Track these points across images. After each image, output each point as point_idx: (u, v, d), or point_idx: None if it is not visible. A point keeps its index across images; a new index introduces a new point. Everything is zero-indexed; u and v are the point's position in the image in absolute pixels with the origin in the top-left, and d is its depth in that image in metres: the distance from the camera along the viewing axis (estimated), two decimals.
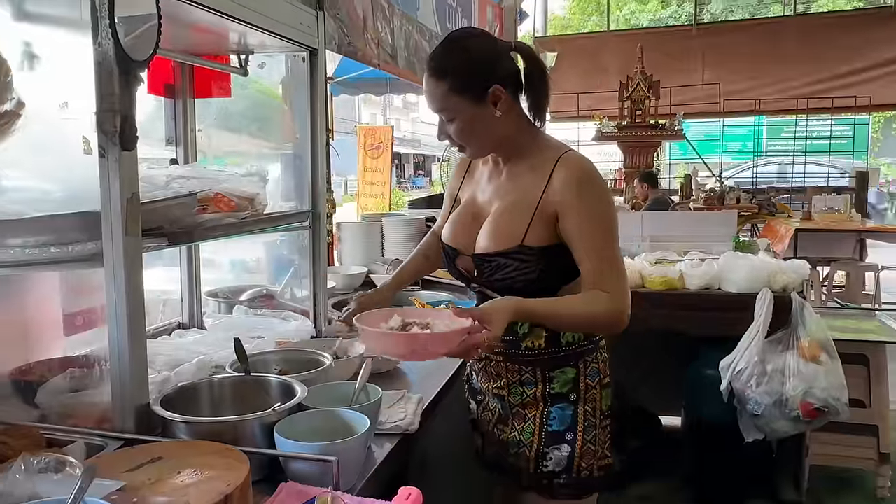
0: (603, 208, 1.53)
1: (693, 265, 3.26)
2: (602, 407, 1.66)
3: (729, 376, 2.95)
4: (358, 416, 1.41)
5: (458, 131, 1.54)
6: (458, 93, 1.50)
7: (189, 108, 2.28)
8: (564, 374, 1.62)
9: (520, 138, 1.60)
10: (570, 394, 1.63)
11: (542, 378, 1.63)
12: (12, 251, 1.40)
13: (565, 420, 1.62)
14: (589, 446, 1.63)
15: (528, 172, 1.58)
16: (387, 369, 2.07)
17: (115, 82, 1.28)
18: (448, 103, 1.51)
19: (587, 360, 1.64)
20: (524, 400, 1.66)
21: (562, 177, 1.51)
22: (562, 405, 1.62)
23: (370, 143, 9.55)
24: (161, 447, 1.27)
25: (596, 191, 1.53)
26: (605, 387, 1.67)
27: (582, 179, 1.52)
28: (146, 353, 1.40)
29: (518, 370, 1.65)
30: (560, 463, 1.62)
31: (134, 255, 1.35)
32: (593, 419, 1.64)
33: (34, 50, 1.39)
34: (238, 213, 1.76)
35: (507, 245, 1.54)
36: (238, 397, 1.55)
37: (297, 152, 2.45)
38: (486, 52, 1.54)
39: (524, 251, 1.53)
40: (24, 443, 1.30)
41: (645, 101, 7.81)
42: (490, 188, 1.66)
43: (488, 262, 1.58)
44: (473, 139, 1.57)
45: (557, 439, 1.62)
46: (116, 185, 1.31)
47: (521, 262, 1.54)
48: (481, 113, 1.52)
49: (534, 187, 1.55)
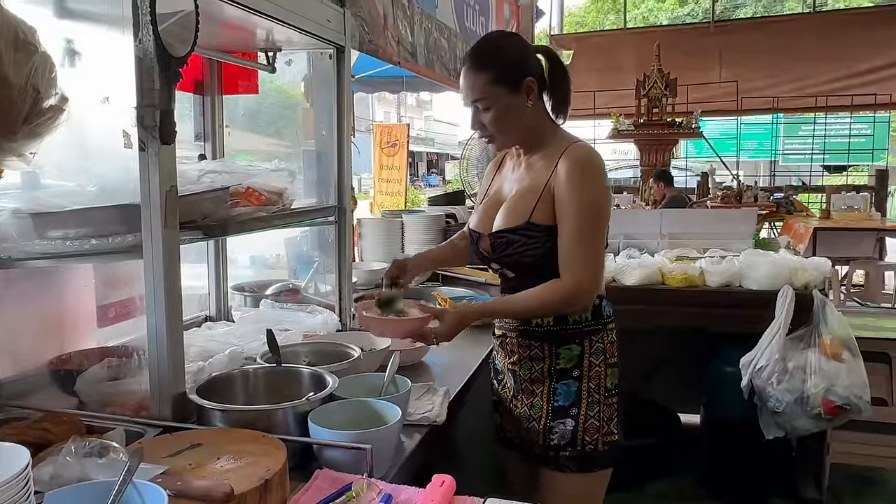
0: (592, 196, 1.65)
1: (714, 262, 3.25)
2: (607, 385, 1.74)
3: (749, 373, 2.95)
4: (389, 405, 1.43)
5: (493, 120, 1.68)
6: (498, 83, 1.65)
7: (217, 105, 2.31)
8: (570, 350, 1.73)
9: (542, 132, 1.75)
10: (573, 370, 1.73)
11: (549, 354, 1.74)
12: (54, 243, 1.44)
13: (570, 395, 1.73)
14: (592, 421, 1.72)
15: (541, 161, 1.73)
16: (411, 362, 2.10)
17: (154, 78, 1.32)
18: (487, 92, 1.65)
19: (593, 339, 1.74)
20: (532, 375, 1.77)
21: (565, 162, 1.66)
22: (567, 381, 1.73)
23: (386, 141, 9.56)
24: (199, 434, 1.30)
25: (589, 178, 1.65)
26: (611, 366, 1.76)
27: (579, 166, 1.65)
28: (183, 343, 1.43)
29: (528, 345, 1.77)
30: (565, 436, 1.72)
31: (172, 246, 1.38)
32: (597, 395, 1.73)
33: (76, 46, 1.43)
34: (268, 208, 1.79)
35: (516, 222, 1.69)
36: (270, 387, 1.58)
37: (320, 149, 2.48)
38: (521, 49, 1.72)
39: (531, 228, 1.67)
40: (64, 429, 1.34)
41: (662, 99, 7.78)
42: (513, 177, 1.81)
43: (500, 239, 1.72)
44: (505, 128, 1.70)
45: (562, 414, 1.73)
46: (156, 179, 1.34)
47: (528, 238, 1.67)
48: (515, 103, 1.67)
49: (543, 173, 1.70)
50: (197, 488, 1.05)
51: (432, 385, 1.83)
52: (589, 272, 1.65)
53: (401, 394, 1.53)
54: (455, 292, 2.88)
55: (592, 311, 1.74)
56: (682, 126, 7.84)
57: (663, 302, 3.21)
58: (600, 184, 1.68)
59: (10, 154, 1.25)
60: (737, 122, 10.89)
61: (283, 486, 1.18)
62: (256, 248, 3.34)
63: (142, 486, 0.98)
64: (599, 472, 1.76)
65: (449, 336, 1.69)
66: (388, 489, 1.20)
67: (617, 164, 14.29)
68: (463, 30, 5.03)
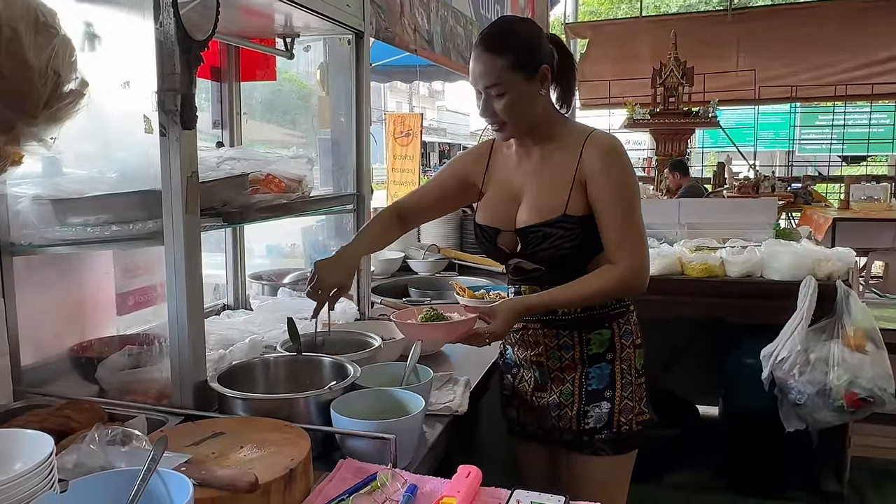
0: (625, 179, 1.64)
1: (734, 252, 3.21)
2: (637, 365, 1.75)
3: (770, 365, 2.91)
4: (412, 395, 1.42)
5: (506, 107, 1.61)
6: (515, 69, 1.59)
7: (235, 92, 2.29)
8: (601, 335, 1.71)
9: (551, 122, 1.71)
10: (606, 353, 1.72)
11: (579, 341, 1.71)
12: (74, 229, 1.43)
13: (604, 378, 1.71)
14: (627, 402, 1.72)
15: (559, 152, 1.69)
16: (430, 352, 2.08)
17: (175, 61, 1.30)
18: (503, 78, 1.59)
19: (620, 321, 1.73)
20: (562, 363, 1.74)
21: (591, 151, 1.64)
22: (600, 365, 1.72)
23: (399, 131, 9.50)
24: (220, 423, 1.28)
25: (620, 162, 1.65)
26: (639, 347, 1.76)
27: (608, 152, 1.64)
28: (204, 330, 1.42)
29: (556, 335, 1.73)
30: (601, 419, 1.70)
31: (193, 232, 1.37)
32: (629, 376, 1.73)
33: (96, 30, 1.41)
34: (288, 195, 1.77)
35: (551, 215, 1.65)
36: (291, 376, 1.57)
37: (337, 137, 2.46)
38: (536, 35, 1.67)
39: (567, 220, 1.64)
40: (86, 416, 1.33)
41: (678, 88, 7.70)
42: (522, 171, 1.75)
43: (534, 234, 1.67)
44: (518, 116, 1.64)
45: (597, 397, 1.71)
46: (177, 164, 1.32)
47: (565, 230, 1.64)
48: (530, 90, 1.62)
49: (567, 164, 1.66)
50: (221, 477, 1.04)
51: (453, 375, 1.81)
52: (641, 255, 1.64)
53: (423, 383, 1.51)
54: (472, 282, 2.85)
55: None
56: (698, 115, 7.76)
57: (682, 292, 3.16)
58: (630, 167, 1.69)
59: (31, 139, 1.23)
60: (754, 111, 10.75)
61: (308, 475, 1.16)
62: (272, 237, 3.34)
63: (166, 475, 0.97)
64: (630, 454, 1.76)
65: (503, 334, 1.68)
66: (413, 479, 1.19)
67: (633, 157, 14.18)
68: (479, 17, 4.99)
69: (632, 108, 8.15)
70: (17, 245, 1.48)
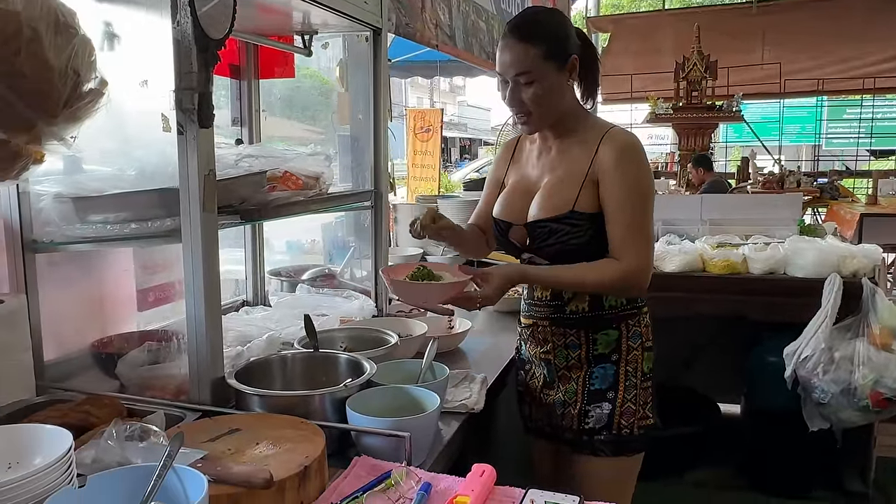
0: (639, 178, 1.62)
1: (757, 249, 3.16)
2: (643, 368, 1.72)
3: (794, 363, 2.86)
4: (428, 393, 1.41)
5: (535, 96, 1.60)
6: (547, 58, 1.58)
7: (254, 89, 2.31)
8: (608, 335, 1.69)
9: (575, 116, 1.70)
10: (612, 354, 1.69)
11: (585, 340, 1.70)
12: (94, 227, 1.45)
13: (607, 379, 1.69)
14: (629, 405, 1.69)
15: (576, 146, 1.68)
16: (448, 349, 2.08)
17: (193, 60, 1.30)
18: (534, 67, 1.58)
19: (629, 323, 1.70)
20: (569, 362, 1.72)
21: (606, 148, 1.62)
22: (604, 365, 1.69)
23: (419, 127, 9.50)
24: (237, 419, 1.29)
25: (635, 160, 1.63)
26: (647, 350, 1.73)
27: (623, 149, 1.62)
28: (222, 327, 1.43)
29: (563, 333, 1.72)
30: (601, 420, 1.69)
31: (211, 230, 1.37)
32: (634, 379, 1.70)
33: (115, 30, 1.42)
34: (306, 192, 1.77)
35: (559, 211, 1.63)
36: (308, 373, 1.58)
37: (355, 134, 2.46)
38: (566, 25, 1.67)
39: (575, 216, 1.62)
40: (106, 412, 1.35)
41: (701, 82, 7.58)
42: (539, 164, 1.75)
43: (541, 228, 1.66)
44: (545, 107, 1.63)
45: (599, 397, 1.69)
46: (194, 162, 1.33)
47: (572, 227, 1.63)
48: (559, 80, 1.62)
49: (582, 159, 1.65)
50: (236, 474, 1.04)
51: (469, 372, 1.81)
52: (645, 257, 1.62)
53: (439, 381, 1.51)
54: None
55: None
56: (722, 109, 7.65)
57: (704, 289, 3.13)
58: (646, 166, 1.67)
59: (51, 138, 1.25)
60: (779, 104, 10.57)
61: (322, 472, 1.17)
62: (292, 233, 3.35)
63: (182, 471, 0.98)
64: (633, 457, 1.73)
65: (495, 298, 1.63)
66: (427, 477, 1.19)
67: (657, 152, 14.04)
68: (500, 11, 4.97)
69: (654, 103, 8.05)
70: (40, 242, 1.50)
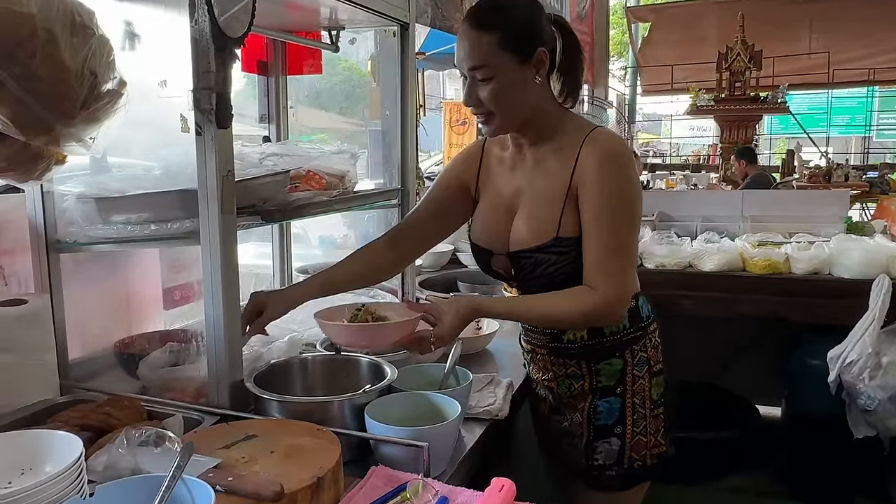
0: (621, 189, 1.41)
1: (801, 248, 3.04)
2: (652, 396, 1.57)
3: (838, 368, 2.75)
4: (449, 400, 1.38)
5: (493, 94, 1.40)
6: (505, 49, 1.37)
7: (281, 85, 2.29)
8: (611, 365, 1.55)
9: (548, 117, 1.49)
10: (616, 387, 1.55)
11: (587, 371, 1.56)
12: (116, 227, 1.45)
13: (613, 414, 1.56)
14: (640, 437, 1.57)
15: (554, 155, 1.48)
16: (474, 351, 2.04)
17: (210, 60, 1.28)
18: (491, 59, 1.37)
19: (634, 349, 1.55)
20: (573, 392, 1.60)
21: (587, 155, 1.42)
22: (609, 399, 1.56)
23: (455, 119, 9.47)
24: (255, 425, 1.28)
25: (617, 170, 1.41)
26: (656, 374, 1.58)
27: (604, 156, 1.41)
28: (241, 331, 1.41)
29: (563, 363, 1.59)
30: (610, 456, 1.57)
31: (229, 232, 1.35)
32: (642, 410, 1.56)
33: (135, 29, 1.41)
34: (329, 192, 1.75)
35: (541, 239, 1.45)
36: (328, 376, 1.55)
37: (385, 128, 2.42)
38: (535, 13, 1.43)
39: (560, 243, 1.44)
40: (126, 413, 1.35)
41: (745, 73, 7.41)
42: (515, 177, 1.55)
43: (525, 259, 1.49)
44: (506, 106, 1.42)
45: (606, 433, 1.56)
46: (213, 163, 1.31)
47: (558, 256, 1.45)
48: (522, 76, 1.40)
49: (562, 172, 1.45)
50: (247, 486, 1.02)
51: (496, 376, 1.76)
52: (624, 283, 1.44)
53: (461, 387, 1.47)
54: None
55: (630, 315, 1.52)
56: (766, 101, 7.44)
57: (744, 289, 3.02)
58: (630, 177, 1.44)
59: (70, 139, 1.24)
60: (827, 95, 10.25)
61: (337, 483, 1.14)
62: (325, 228, 3.36)
63: (191, 482, 0.96)
64: (639, 486, 1.62)
65: (452, 337, 1.45)
66: (445, 491, 1.15)
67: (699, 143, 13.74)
68: None
69: (696, 94, 7.88)
70: (63, 242, 1.51)
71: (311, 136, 4.37)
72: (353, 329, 1.46)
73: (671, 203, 3.90)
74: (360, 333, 1.46)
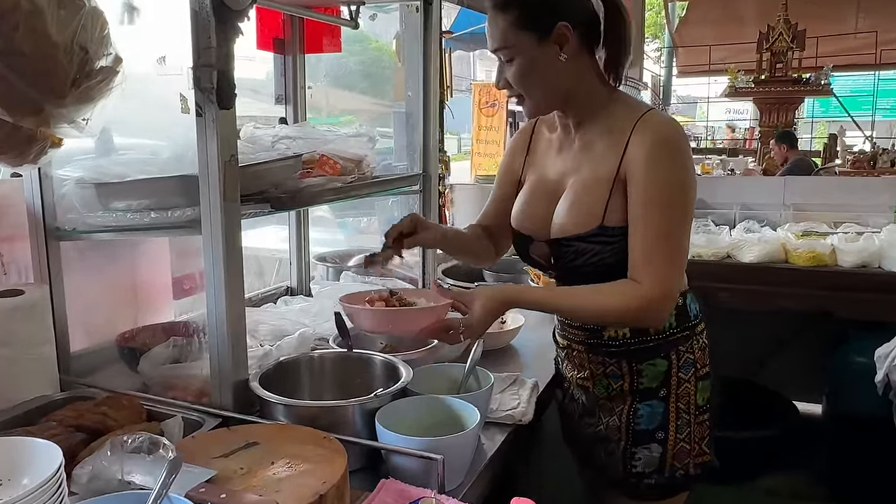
0: (673, 179, 1.31)
1: (848, 239, 2.87)
2: (697, 401, 1.46)
3: (886, 367, 2.59)
4: (467, 406, 1.27)
5: (518, 75, 1.34)
6: (522, 27, 1.31)
7: (299, 64, 2.18)
8: (655, 366, 1.44)
9: (592, 96, 1.40)
10: (660, 389, 1.45)
11: (628, 371, 1.46)
12: (115, 215, 1.36)
13: (655, 418, 1.45)
14: (683, 445, 1.46)
15: (602, 138, 1.39)
16: (499, 346, 1.93)
17: (211, 34, 1.18)
18: (509, 39, 1.32)
19: (681, 349, 1.45)
20: (610, 393, 1.49)
21: (637, 140, 1.32)
22: (651, 402, 1.45)
23: (485, 101, 9.28)
24: (257, 430, 1.18)
25: (670, 157, 1.31)
26: (702, 378, 1.47)
27: (656, 143, 1.31)
28: (245, 328, 1.32)
29: (602, 362, 1.49)
30: (650, 464, 1.46)
31: (232, 221, 1.26)
32: (687, 416, 1.45)
33: (133, 1, 1.31)
34: (344, 178, 1.64)
35: (585, 227, 1.37)
36: (340, 375, 1.46)
37: (409, 110, 2.31)
38: None
39: (605, 232, 1.35)
40: (124, 414, 1.27)
41: (787, 53, 7.08)
42: (562, 160, 1.47)
43: (566, 247, 1.40)
44: (533, 86, 1.36)
45: (647, 439, 1.46)
46: (214, 147, 1.21)
47: (602, 246, 1.36)
48: (544, 54, 1.33)
49: (610, 156, 1.36)
50: None
51: (520, 376, 1.65)
52: (672, 280, 1.33)
53: (481, 391, 1.37)
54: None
55: (678, 313, 1.43)
56: (809, 83, 7.13)
57: (786, 283, 2.87)
58: (683, 165, 1.34)
59: (61, 120, 1.15)
60: (874, 77, 9.83)
61: (342, 499, 1.04)
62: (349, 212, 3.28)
63: (176, 501, 0.87)
64: (679, 495, 1.52)
65: (482, 328, 1.35)
66: None
67: None
68: None
69: (734, 76, 7.59)
70: (62, 230, 1.43)
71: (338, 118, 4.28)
72: (379, 313, 1.36)
73: (709, 189, 3.73)
74: (385, 318, 1.37)
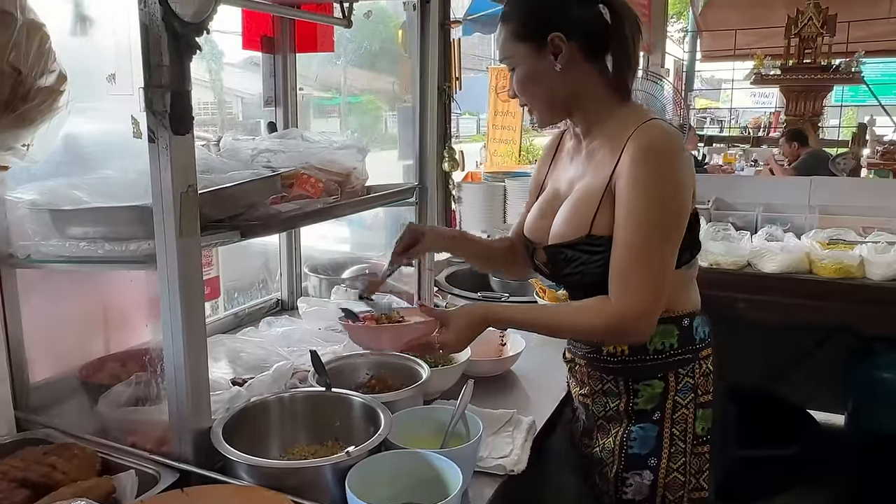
0: (654, 193, 1.24)
1: (878, 249, 2.68)
2: (696, 430, 1.38)
3: None
4: (450, 465, 1.14)
5: (519, 84, 1.37)
6: (519, 39, 1.33)
7: (289, 65, 2.04)
8: (651, 387, 1.38)
9: (598, 105, 1.36)
10: (654, 412, 1.38)
11: (625, 390, 1.40)
12: (68, 244, 1.24)
13: (647, 443, 1.38)
14: (676, 476, 1.37)
15: (604, 145, 1.35)
16: (496, 373, 1.80)
17: (163, 50, 1.04)
18: (509, 49, 1.35)
19: (680, 372, 1.37)
20: (607, 412, 1.45)
21: (629, 149, 1.26)
22: (644, 425, 1.39)
23: (501, 86, 9.07)
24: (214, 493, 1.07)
25: (656, 168, 1.25)
26: (702, 406, 1.38)
27: (647, 150, 1.25)
28: (207, 372, 1.21)
29: (600, 378, 1.44)
30: (641, 491, 1.39)
31: (190, 258, 1.13)
32: (682, 444, 1.37)
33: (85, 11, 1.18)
34: (326, 199, 1.51)
35: (574, 235, 1.34)
36: (316, 417, 1.35)
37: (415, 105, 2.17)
38: None
39: (592, 241, 1.31)
40: (74, 465, 1.17)
41: (817, 39, 6.81)
42: (573, 168, 1.44)
43: (558, 254, 1.38)
44: (533, 95, 1.38)
45: (638, 464, 1.39)
46: (168, 177, 1.08)
47: (589, 255, 1.32)
48: (541, 65, 1.32)
49: (606, 165, 1.32)
50: None
51: (515, 413, 1.53)
52: (650, 297, 1.25)
53: (465, 446, 1.24)
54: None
55: (681, 334, 1.35)
56: (839, 69, 6.86)
57: (810, 295, 2.69)
58: (671, 174, 1.26)
59: None
60: None
61: None
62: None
63: None
64: None
65: (458, 346, 1.36)
66: None
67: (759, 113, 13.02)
68: None
69: (760, 61, 7.33)
70: (16, 258, 1.31)
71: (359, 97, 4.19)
72: (364, 329, 1.42)
73: (730, 189, 3.55)
74: (369, 333, 1.43)
